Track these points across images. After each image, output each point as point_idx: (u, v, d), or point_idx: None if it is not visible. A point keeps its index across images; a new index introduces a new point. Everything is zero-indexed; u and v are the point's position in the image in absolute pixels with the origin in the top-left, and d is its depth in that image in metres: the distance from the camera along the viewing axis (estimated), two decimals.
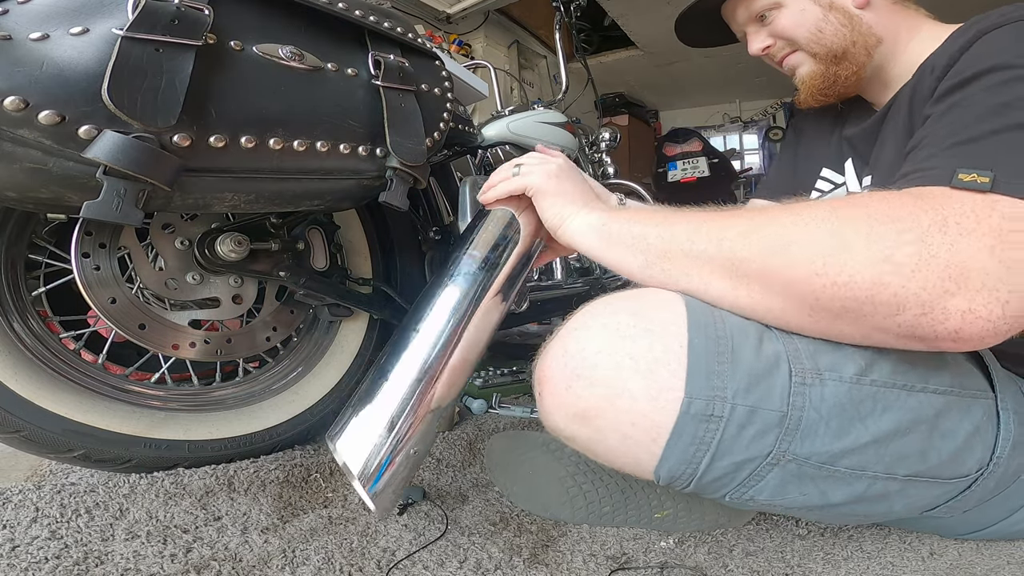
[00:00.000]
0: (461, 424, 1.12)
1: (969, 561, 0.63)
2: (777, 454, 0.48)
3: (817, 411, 0.48)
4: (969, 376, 0.55)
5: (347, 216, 1.07)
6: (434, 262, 1.25)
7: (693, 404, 0.47)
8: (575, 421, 0.52)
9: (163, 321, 0.81)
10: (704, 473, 0.49)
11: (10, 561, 0.56)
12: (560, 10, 1.91)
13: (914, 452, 0.50)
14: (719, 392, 0.47)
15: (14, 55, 0.48)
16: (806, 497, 0.51)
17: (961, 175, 0.45)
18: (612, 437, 0.50)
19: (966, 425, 0.52)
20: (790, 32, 0.74)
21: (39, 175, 0.51)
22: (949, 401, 0.52)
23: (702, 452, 0.48)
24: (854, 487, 0.51)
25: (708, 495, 0.54)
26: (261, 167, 0.63)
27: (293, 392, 0.96)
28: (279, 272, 0.89)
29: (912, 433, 0.50)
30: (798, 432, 0.48)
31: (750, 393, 0.47)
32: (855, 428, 0.49)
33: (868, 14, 0.70)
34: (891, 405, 0.49)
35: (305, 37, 0.69)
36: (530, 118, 1.56)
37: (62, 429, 0.70)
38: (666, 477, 0.51)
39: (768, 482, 0.50)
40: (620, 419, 0.49)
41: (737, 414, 0.47)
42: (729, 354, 0.48)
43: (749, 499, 0.52)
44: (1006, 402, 0.54)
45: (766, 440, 0.48)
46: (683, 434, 0.48)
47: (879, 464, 0.50)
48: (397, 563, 0.61)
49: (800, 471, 0.49)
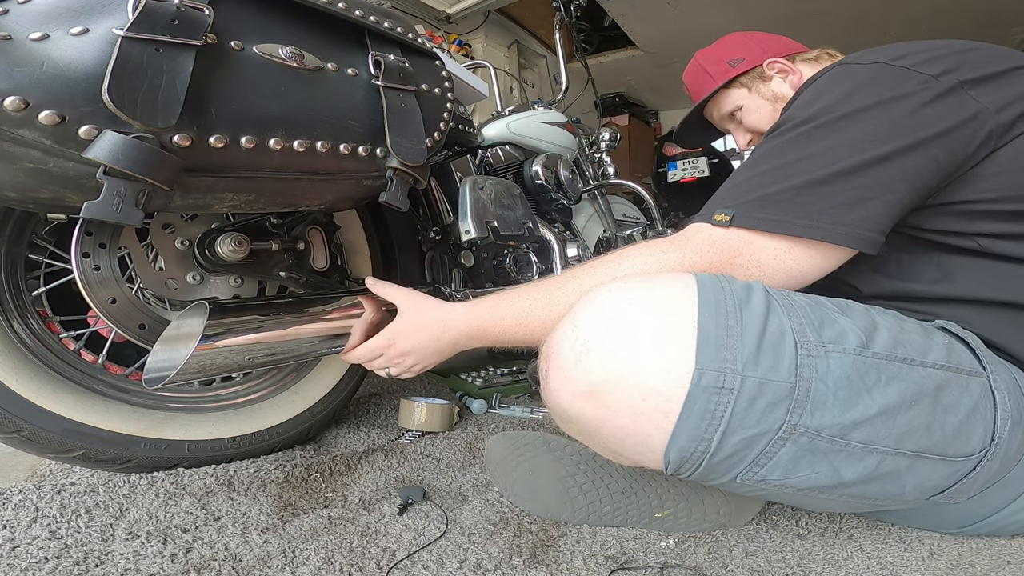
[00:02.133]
0: (461, 424, 1.12)
1: (969, 561, 0.63)
2: (788, 427, 0.49)
3: (824, 382, 0.49)
4: (961, 355, 0.56)
5: (347, 216, 1.07)
6: (434, 262, 1.26)
7: (704, 376, 0.47)
8: (583, 397, 0.52)
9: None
10: (716, 450, 0.49)
11: (10, 561, 0.56)
12: (560, 10, 1.92)
13: (920, 425, 0.51)
14: (729, 364, 0.48)
15: (14, 55, 0.48)
16: (818, 475, 0.51)
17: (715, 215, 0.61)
18: (622, 413, 0.50)
19: (966, 401, 0.53)
20: (757, 126, 0.97)
21: (39, 175, 0.51)
22: (948, 376, 0.53)
23: (714, 426, 0.48)
24: (866, 463, 0.51)
25: (718, 479, 0.54)
26: (261, 167, 0.63)
27: (293, 392, 0.96)
28: (279, 272, 0.89)
29: (917, 405, 0.51)
30: (807, 404, 0.48)
31: (759, 365, 0.48)
32: (863, 399, 0.49)
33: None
34: (894, 377, 0.50)
35: (305, 37, 0.69)
36: (530, 118, 1.56)
37: (62, 429, 0.70)
38: (677, 458, 0.51)
39: (780, 459, 0.50)
40: (631, 394, 0.49)
41: (747, 386, 0.48)
42: (738, 327, 0.49)
43: (761, 480, 0.52)
44: (999, 382, 0.55)
45: (777, 413, 0.48)
46: (695, 408, 0.48)
47: (888, 438, 0.50)
48: (397, 563, 0.61)
49: (812, 445, 0.50)
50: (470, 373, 1.40)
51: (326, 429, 1.03)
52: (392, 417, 1.14)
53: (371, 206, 1.10)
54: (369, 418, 1.14)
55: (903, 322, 0.57)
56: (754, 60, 0.95)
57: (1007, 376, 0.57)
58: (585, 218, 1.75)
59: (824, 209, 0.57)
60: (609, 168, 1.99)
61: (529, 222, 1.22)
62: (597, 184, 1.83)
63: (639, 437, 0.51)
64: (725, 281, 0.53)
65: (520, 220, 1.19)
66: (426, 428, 1.04)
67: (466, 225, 1.09)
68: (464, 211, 1.09)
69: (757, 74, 0.95)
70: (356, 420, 1.11)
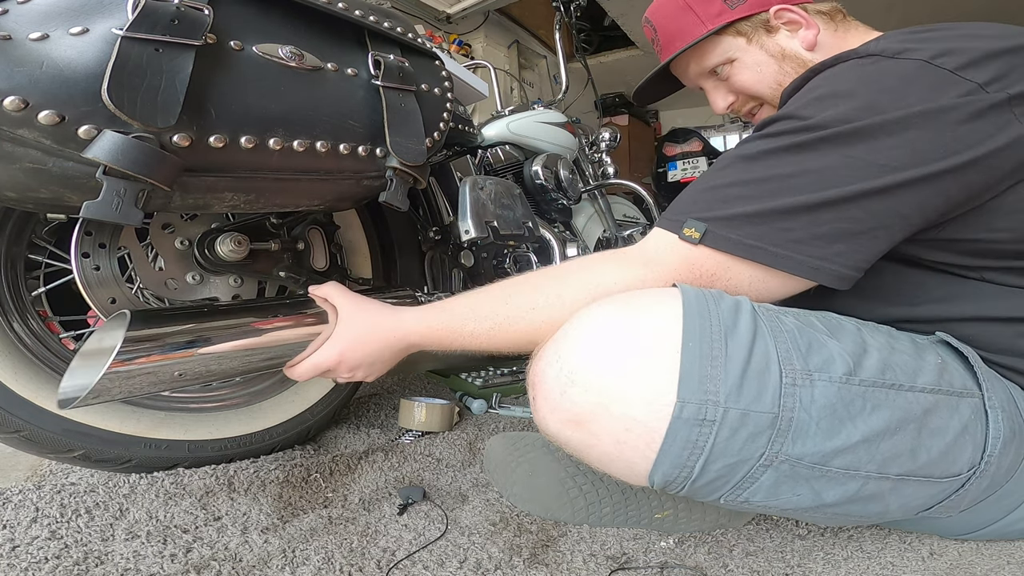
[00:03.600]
0: (461, 424, 1.12)
1: (969, 561, 0.63)
2: (770, 456, 0.48)
3: (807, 412, 0.48)
4: (954, 375, 0.55)
5: (347, 216, 1.07)
6: (434, 262, 1.26)
7: (686, 408, 0.47)
8: (569, 426, 0.52)
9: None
10: (698, 477, 0.50)
11: (10, 561, 0.56)
12: (560, 10, 1.92)
13: (905, 451, 0.50)
14: (712, 396, 0.47)
15: (14, 55, 0.48)
16: (800, 498, 0.51)
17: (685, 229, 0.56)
18: (606, 442, 0.50)
19: (955, 423, 0.52)
20: (751, 88, 0.76)
21: (39, 175, 0.51)
22: (937, 400, 0.52)
23: (696, 456, 0.48)
24: (847, 487, 0.51)
25: (703, 499, 0.54)
26: (261, 167, 0.63)
27: (293, 392, 0.96)
28: (279, 272, 0.89)
29: (902, 432, 0.50)
30: (789, 433, 0.48)
31: (742, 396, 0.48)
32: (845, 428, 0.49)
33: (817, 55, 0.70)
34: (880, 404, 0.50)
35: (305, 37, 0.69)
36: (530, 118, 1.56)
37: (62, 429, 0.70)
38: (660, 482, 0.51)
39: (762, 484, 0.50)
40: (614, 425, 0.49)
41: (729, 417, 0.47)
42: (722, 357, 0.48)
43: (744, 501, 0.52)
44: (993, 400, 0.54)
45: (758, 442, 0.48)
46: (676, 439, 0.48)
47: (871, 463, 0.50)
48: (397, 563, 0.61)
49: (793, 472, 0.49)
50: (470, 373, 1.40)
51: (326, 429, 1.03)
52: (392, 417, 1.14)
53: (371, 206, 1.10)
54: (369, 418, 1.14)
55: (895, 341, 0.55)
56: (758, 3, 0.73)
57: (1003, 393, 0.56)
58: (585, 218, 1.75)
59: (803, 239, 0.52)
60: (609, 168, 1.99)
61: (529, 222, 1.22)
62: (597, 184, 1.83)
63: (623, 463, 0.51)
64: (712, 301, 0.51)
65: (520, 220, 1.19)
66: (426, 428, 1.04)
67: (466, 225, 1.09)
68: (464, 211, 1.09)
69: (761, 21, 0.73)
70: (356, 420, 1.11)
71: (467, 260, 1.22)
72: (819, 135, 0.52)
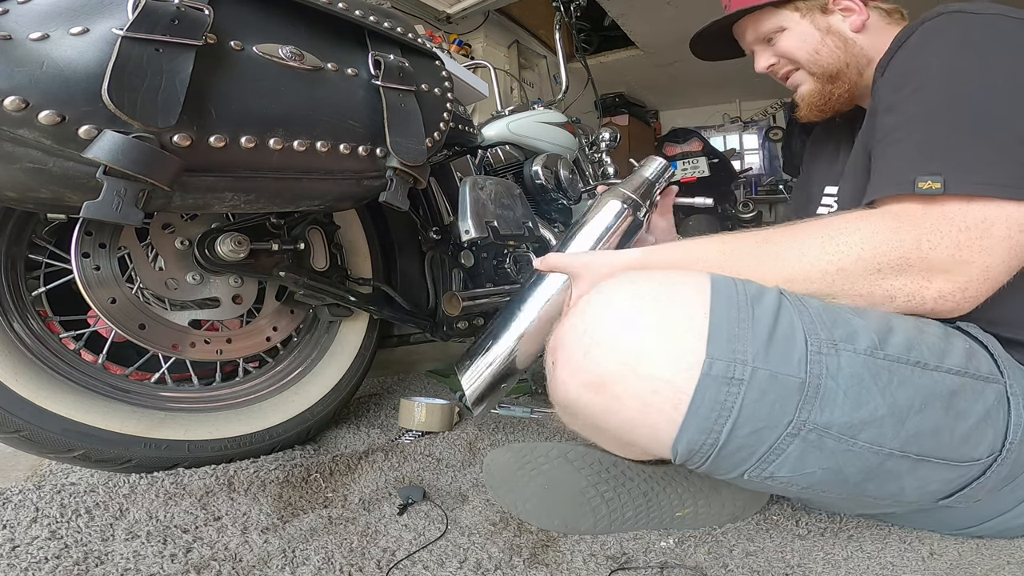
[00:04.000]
0: (461, 424, 1.12)
1: (969, 561, 0.63)
2: (798, 423, 0.48)
3: (834, 380, 0.48)
4: (981, 360, 0.55)
5: (347, 216, 1.07)
6: (434, 262, 1.25)
7: (715, 365, 0.47)
8: (590, 389, 0.51)
9: (163, 321, 0.81)
10: (725, 443, 0.49)
11: (10, 561, 0.56)
12: (560, 10, 1.91)
13: (928, 430, 0.51)
14: (740, 355, 0.48)
15: (14, 55, 0.48)
16: (824, 472, 0.51)
17: (919, 183, 0.53)
18: (630, 405, 0.50)
19: (978, 408, 0.52)
20: (792, 53, 0.82)
21: (39, 175, 0.51)
22: (964, 382, 0.52)
23: (724, 418, 0.48)
24: (868, 461, 0.51)
25: (726, 473, 0.53)
26: (261, 167, 0.63)
27: (293, 392, 0.96)
28: (279, 272, 0.89)
29: (927, 410, 0.50)
30: (817, 400, 0.48)
31: (770, 357, 0.48)
32: (873, 399, 0.49)
33: (863, 37, 0.77)
34: (906, 380, 0.50)
35: (305, 37, 0.69)
36: (530, 118, 1.56)
37: (62, 429, 0.70)
38: (685, 450, 0.50)
39: (788, 456, 0.50)
40: (640, 386, 0.49)
41: (758, 378, 0.47)
42: (749, 320, 0.49)
43: (769, 476, 0.52)
44: (1015, 387, 0.54)
45: (787, 408, 0.48)
46: (705, 398, 0.48)
47: (895, 440, 0.50)
48: (397, 563, 0.61)
49: (820, 443, 0.49)
50: None
51: (326, 429, 1.03)
52: (392, 417, 1.14)
53: (371, 206, 1.10)
54: (369, 418, 1.14)
55: (924, 325, 0.56)
56: None
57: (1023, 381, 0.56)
58: None
59: None
60: (609, 168, 1.99)
61: (529, 222, 1.22)
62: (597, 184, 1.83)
63: (647, 429, 0.51)
64: (739, 280, 0.53)
65: (520, 220, 1.19)
66: (426, 428, 1.04)
67: (466, 225, 1.09)
68: (464, 211, 1.09)
69: (819, 4, 0.80)
70: (356, 420, 1.11)
71: (467, 260, 1.21)
72: (960, 70, 0.56)
